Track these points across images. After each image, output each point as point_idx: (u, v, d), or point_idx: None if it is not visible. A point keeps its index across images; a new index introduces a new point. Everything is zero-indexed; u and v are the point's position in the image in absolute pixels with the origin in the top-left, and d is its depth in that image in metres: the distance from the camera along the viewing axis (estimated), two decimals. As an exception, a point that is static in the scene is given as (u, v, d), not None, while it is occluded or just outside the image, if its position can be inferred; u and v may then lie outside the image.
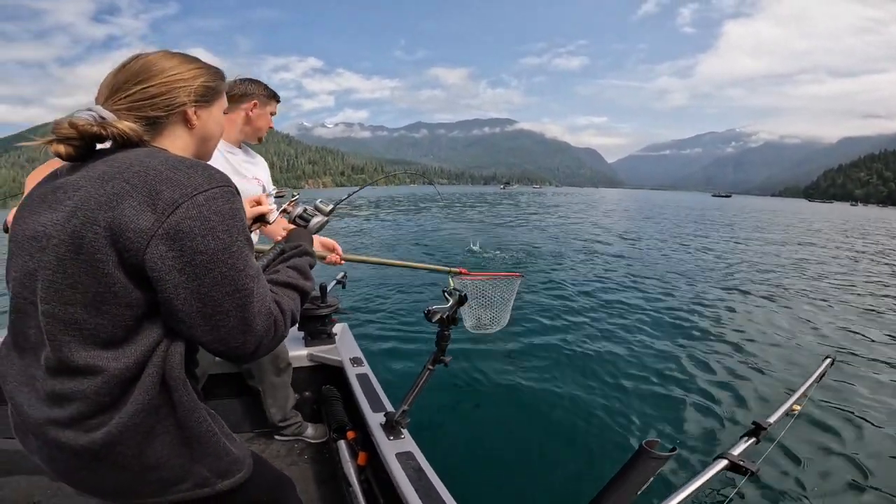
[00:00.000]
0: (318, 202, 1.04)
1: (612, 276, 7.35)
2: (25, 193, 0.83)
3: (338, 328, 2.21)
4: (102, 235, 0.57)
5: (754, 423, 1.06)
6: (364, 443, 1.58)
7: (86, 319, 0.59)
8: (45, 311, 0.59)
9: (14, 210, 0.75)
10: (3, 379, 0.68)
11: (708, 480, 0.96)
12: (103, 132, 0.62)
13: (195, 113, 0.73)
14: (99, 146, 0.65)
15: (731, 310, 5.54)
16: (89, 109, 0.63)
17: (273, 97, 1.53)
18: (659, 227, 17.78)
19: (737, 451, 1.00)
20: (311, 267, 0.86)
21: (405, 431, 1.36)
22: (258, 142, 1.58)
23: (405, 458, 1.24)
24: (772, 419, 1.08)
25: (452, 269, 1.87)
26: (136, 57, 0.69)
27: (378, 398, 1.59)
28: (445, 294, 1.28)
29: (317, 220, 1.00)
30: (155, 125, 0.69)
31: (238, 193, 0.66)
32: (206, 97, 0.74)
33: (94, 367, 0.60)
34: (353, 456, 1.56)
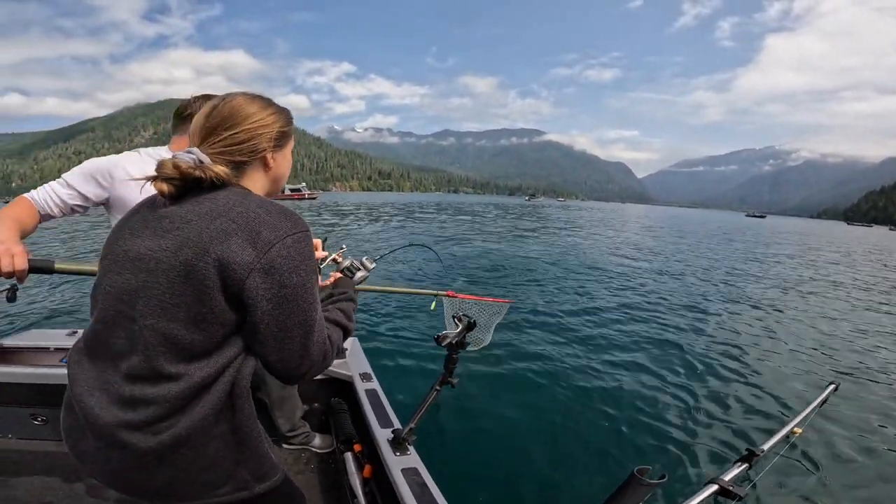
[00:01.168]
0: (364, 259, 1.17)
1: (611, 295, 7.28)
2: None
3: (348, 343, 2.27)
4: (212, 265, 0.66)
5: (748, 449, 1.07)
6: (370, 456, 1.61)
7: (184, 335, 0.68)
8: (149, 325, 0.67)
9: None
10: (72, 382, 0.73)
11: None
12: (202, 175, 0.70)
13: (272, 157, 0.81)
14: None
15: (739, 332, 5.46)
16: (189, 152, 0.71)
17: None
18: (679, 246, 17.50)
19: (728, 476, 1.01)
20: (354, 311, 0.98)
21: (411, 448, 1.39)
22: None
23: (410, 473, 1.27)
24: (766, 445, 1.09)
25: (439, 292, 1.90)
26: (224, 101, 0.77)
27: (386, 414, 1.62)
28: (455, 320, 1.33)
29: (360, 274, 1.14)
30: (239, 168, 0.77)
31: (311, 237, 0.76)
32: (280, 142, 0.82)
33: (181, 375, 0.68)
34: (359, 468, 1.59)
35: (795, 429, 1.16)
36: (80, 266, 0.98)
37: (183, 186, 0.71)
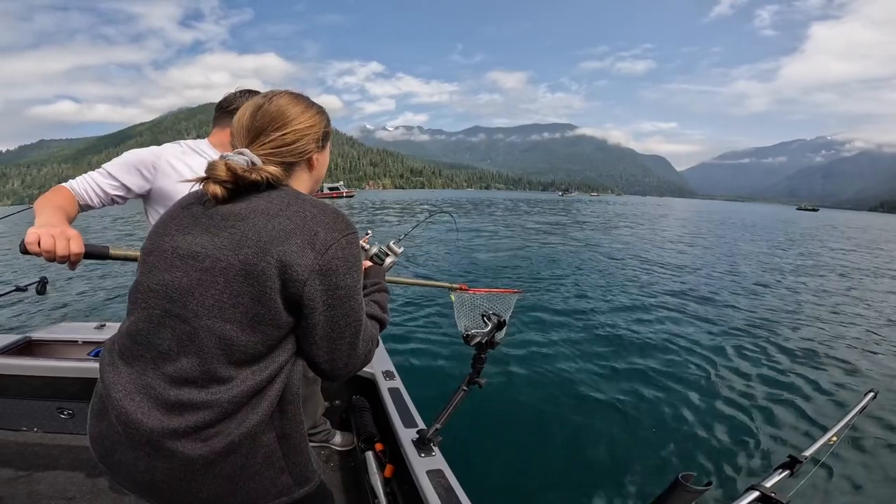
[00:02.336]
0: (391, 243, 1.15)
1: (653, 290, 7.25)
2: (37, 212, 0.99)
3: None
4: (274, 266, 0.64)
5: (790, 455, 1.06)
6: (391, 455, 1.60)
7: (239, 336, 0.65)
8: (205, 326, 0.65)
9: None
10: (108, 387, 0.69)
11: None
12: (258, 178, 0.69)
13: (317, 158, 0.82)
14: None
15: (782, 333, 5.29)
16: (241, 153, 0.69)
17: None
18: (723, 241, 16.73)
19: (769, 482, 0.99)
20: (387, 301, 0.96)
21: (436, 449, 1.36)
22: None
23: (435, 475, 1.25)
24: (807, 452, 1.09)
25: (453, 284, 1.90)
26: (268, 99, 0.75)
27: (410, 413, 1.60)
28: (484, 319, 1.29)
29: (390, 260, 1.12)
30: (288, 168, 0.76)
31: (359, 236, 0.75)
32: (324, 142, 0.82)
33: (233, 379, 0.66)
34: (381, 468, 1.58)
35: (834, 436, 1.16)
36: (135, 253, 0.95)
37: (235, 189, 0.69)
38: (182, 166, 1.23)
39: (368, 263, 1.07)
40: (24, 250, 0.85)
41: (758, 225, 29.34)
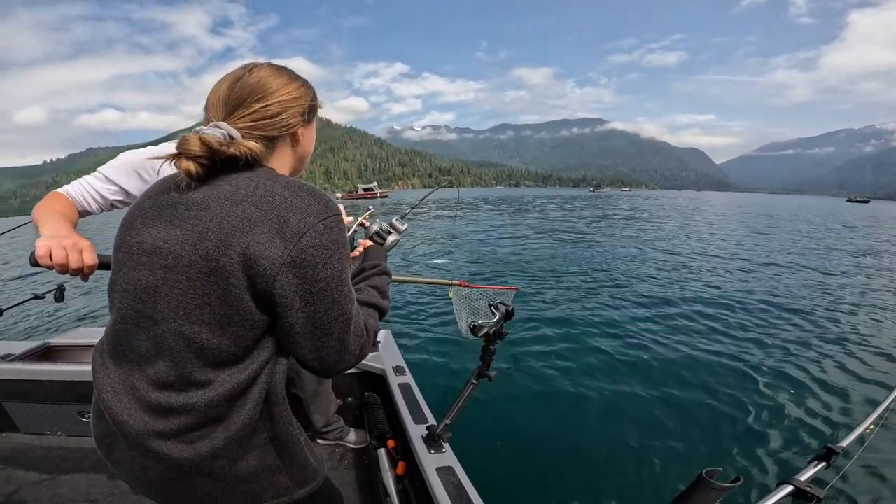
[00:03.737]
0: (394, 220, 1.06)
1: (676, 278, 7.19)
2: (40, 221, 0.93)
3: (381, 335, 2.20)
4: (237, 261, 0.58)
5: (826, 447, 1.01)
6: (403, 452, 1.58)
7: (210, 339, 0.61)
8: (172, 329, 0.61)
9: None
10: (99, 387, 0.68)
11: None
12: (236, 153, 0.62)
13: (301, 133, 0.75)
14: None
15: (814, 322, 5.13)
16: (217, 126, 0.63)
17: None
18: (764, 234, 16.08)
19: (804, 476, 0.95)
20: (388, 286, 0.88)
21: (446, 445, 1.35)
22: None
23: (445, 472, 1.23)
24: (844, 443, 1.03)
25: (453, 281, 1.82)
26: (248, 70, 0.69)
27: (420, 409, 1.58)
28: (492, 308, 1.26)
29: (392, 238, 1.03)
30: (269, 144, 0.69)
31: (343, 219, 0.68)
32: (310, 116, 0.76)
33: (210, 382, 0.62)
34: (393, 465, 1.56)
35: (871, 425, 1.13)
36: None
37: (212, 166, 0.62)
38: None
39: (368, 243, 1.00)
40: (35, 263, 0.81)
41: (800, 217, 28.18)
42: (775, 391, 3.35)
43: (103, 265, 0.84)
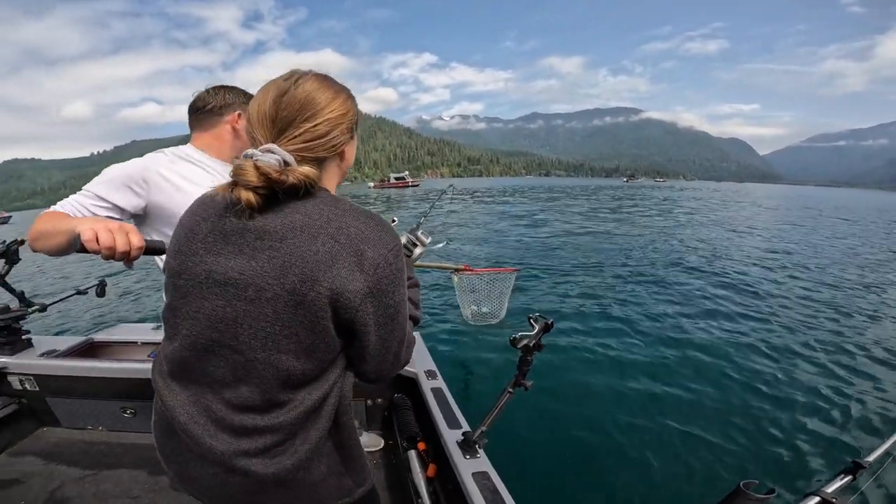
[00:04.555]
0: (419, 233, 1.10)
1: (719, 281, 6.89)
2: (54, 231, 0.91)
3: None
4: (324, 295, 0.59)
5: (853, 461, 1.02)
6: (434, 455, 1.61)
7: (295, 365, 0.63)
8: (260, 359, 0.62)
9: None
10: (169, 410, 0.68)
11: None
12: (295, 182, 0.60)
13: (347, 149, 0.72)
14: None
15: (846, 333, 4.84)
16: (269, 151, 0.60)
17: None
18: (801, 227, 15.68)
19: (830, 488, 0.96)
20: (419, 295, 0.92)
21: (481, 451, 1.35)
22: None
23: (481, 478, 1.24)
24: (871, 457, 1.04)
25: (458, 265, 1.76)
26: (293, 82, 0.65)
27: (453, 414, 1.59)
28: (531, 321, 1.27)
29: (418, 251, 1.06)
30: (319, 165, 0.67)
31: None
32: (355, 131, 0.73)
33: (290, 402, 0.65)
34: (423, 467, 1.58)
35: None
36: None
37: (268, 195, 0.61)
38: (174, 176, 1.13)
39: None
40: (81, 248, 0.78)
41: (845, 208, 26.72)
42: (810, 399, 3.32)
43: (149, 249, 0.84)
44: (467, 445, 1.36)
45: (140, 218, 1.16)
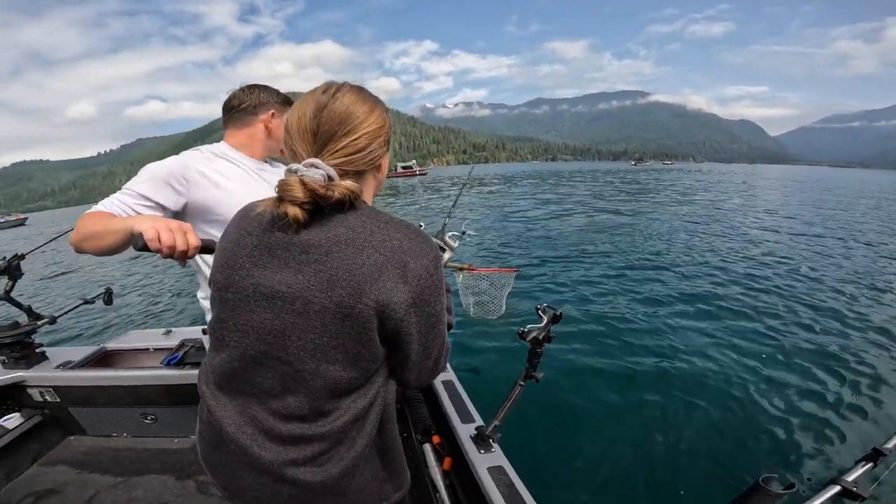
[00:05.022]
0: (447, 238, 1.08)
1: (729, 267, 6.57)
2: (88, 231, 0.93)
3: None
4: (371, 307, 0.61)
5: (874, 448, 1.02)
6: (449, 448, 1.61)
7: (342, 375, 0.65)
8: (309, 370, 0.64)
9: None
10: (220, 421, 0.70)
11: None
12: (341, 197, 0.61)
13: (383, 161, 0.73)
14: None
15: (865, 317, 4.65)
16: (314, 166, 0.61)
17: (287, 102, 1.34)
18: (821, 210, 14.84)
19: (851, 476, 0.97)
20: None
21: (496, 446, 1.36)
22: (282, 154, 1.38)
23: (496, 472, 1.25)
24: (891, 444, 1.04)
25: (463, 265, 1.90)
26: (331, 95, 0.65)
27: (466, 408, 1.59)
28: (539, 312, 1.26)
29: (447, 255, 1.05)
30: (359, 178, 0.68)
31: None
32: (389, 142, 0.73)
33: (336, 410, 0.67)
34: (439, 460, 1.59)
35: None
36: None
37: (316, 210, 0.62)
38: (212, 173, 1.17)
39: None
40: (144, 247, 0.80)
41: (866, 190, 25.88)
42: (830, 387, 3.21)
43: (204, 248, 0.86)
44: (481, 440, 1.36)
45: (179, 215, 1.16)
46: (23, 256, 1.94)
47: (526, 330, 1.25)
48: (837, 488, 0.94)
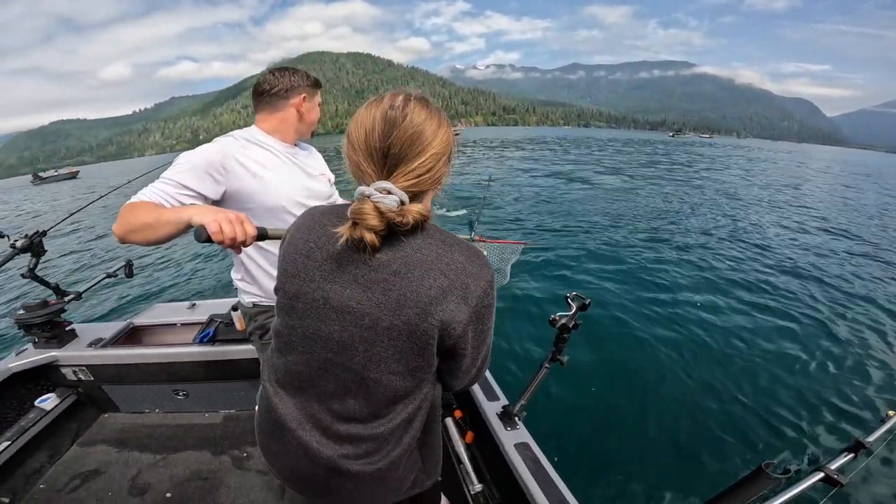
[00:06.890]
0: (473, 235, 1.09)
1: (739, 261, 6.09)
2: (139, 222, 0.92)
3: None
4: (435, 326, 0.65)
5: (855, 440, 1.09)
6: (472, 423, 1.65)
7: (401, 384, 0.70)
8: (372, 378, 0.69)
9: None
10: (282, 417, 0.75)
11: (800, 492, 1.00)
12: (412, 221, 0.62)
13: (445, 178, 0.72)
14: None
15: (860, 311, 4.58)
16: (387, 191, 0.61)
17: (317, 85, 1.36)
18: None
19: (834, 465, 1.03)
20: None
21: (521, 423, 1.39)
22: (311, 136, 1.43)
23: (522, 448, 1.28)
24: (872, 437, 1.11)
25: (473, 237, 1.78)
26: (401, 111, 0.63)
27: (491, 387, 1.61)
28: (568, 300, 1.31)
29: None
30: (423, 196, 0.68)
31: None
32: (451, 158, 0.71)
33: (390, 413, 0.73)
34: (462, 434, 1.62)
35: (890, 411, 1.22)
36: (282, 231, 0.88)
37: (388, 234, 0.64)
38: (249, 162, 1.17)
39: None
40: (207, 239, 0.82)
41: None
42: (820, 380, 3.32)
43: (260, 236, 0.89)
44: (507, 417, 1.40)
45: (217, 203, 1.16)
46: (45, 233, 1.93)
47: (556, 317, 1.29)
48: (821, 475, 1.00)
